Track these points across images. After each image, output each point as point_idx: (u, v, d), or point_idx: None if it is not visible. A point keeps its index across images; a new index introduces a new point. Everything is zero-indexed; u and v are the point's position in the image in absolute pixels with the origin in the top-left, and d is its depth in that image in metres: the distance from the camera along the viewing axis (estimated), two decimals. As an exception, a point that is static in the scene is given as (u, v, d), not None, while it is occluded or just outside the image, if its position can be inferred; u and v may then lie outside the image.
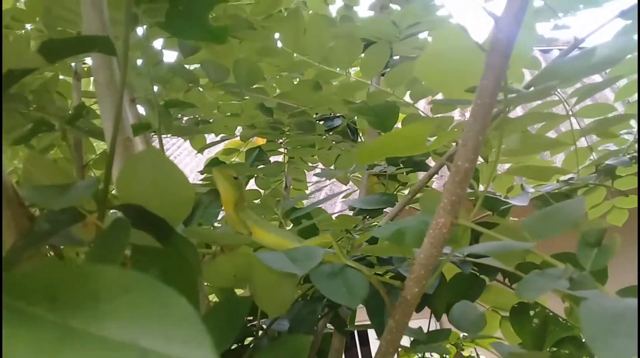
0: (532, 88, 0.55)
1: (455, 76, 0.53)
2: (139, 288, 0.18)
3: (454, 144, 0.90)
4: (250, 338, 0.71)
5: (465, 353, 1.05)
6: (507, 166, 1.15)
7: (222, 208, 0.60)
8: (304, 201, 1.20)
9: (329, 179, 1.29)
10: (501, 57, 0.42)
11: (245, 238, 0.55)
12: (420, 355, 0.92)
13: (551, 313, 0.86)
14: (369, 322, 0.69)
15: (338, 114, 1.29)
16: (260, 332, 0.69)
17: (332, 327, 0.88)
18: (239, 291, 0.74)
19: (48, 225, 0.38)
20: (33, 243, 0.39)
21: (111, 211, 0.43)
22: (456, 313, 0.67)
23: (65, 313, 0.18)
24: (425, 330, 0.77)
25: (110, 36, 0.59)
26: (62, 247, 0.54)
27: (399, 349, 0.84)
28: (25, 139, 0.68)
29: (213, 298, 0.85)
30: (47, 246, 0.51)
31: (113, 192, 0.52)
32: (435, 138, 0.60)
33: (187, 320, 0.17)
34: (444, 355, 0.92)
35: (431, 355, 0.92)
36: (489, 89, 0.43)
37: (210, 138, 1.31)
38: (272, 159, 1.28)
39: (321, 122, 1.29)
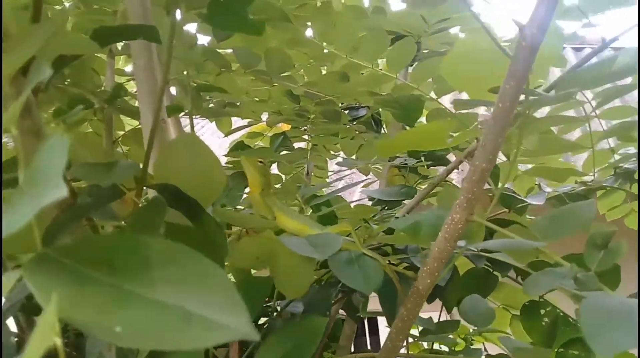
0: (553, 91, 0.56)
1: (479, 77, 0.55)
2: (185, 259, 0.21)
3: (475, 140, 0.92)
4: (264, 319, 0.74)
5: (474, 347, 1.07)
6: (530, 166, 1.15)
7: (248, 191, 0.63)
8: (324, 190, 1.23)
9: (350, 169, 1.31)
10: (524, 65, 0.44)
11: (271, 222, 0.58)
12: (429, 347, 0.94)
13: (562, 313, 0.88)
14: (379, 310, 0.71)
15: (363, 105, 1.30)
16: (275, 313, 0.72)
17: (344, 313, 0.90)
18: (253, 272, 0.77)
19: (90, 199, 0.42)
20: (76, 216, 0.43)
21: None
22: (466, 306, 0.69)
23: (121, 277, 0.20)
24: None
25: (150, 16, 0.62)
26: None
27: (410, 339, 0.87)
28: (62, 113, 0.72)
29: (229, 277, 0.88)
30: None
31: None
32: (457, 134, 0.62)
33: (225, 289, 0.20)
34: (452, 347, 0.95)
35: (440, 347, 0.94)
36: (511, 94, 0.45)
37: (236, 120, 1.34)
38: (296, 145, 1.30)
39: (346, 112, 1.31)
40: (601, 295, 0.37)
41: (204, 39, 0.98)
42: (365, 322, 3.62)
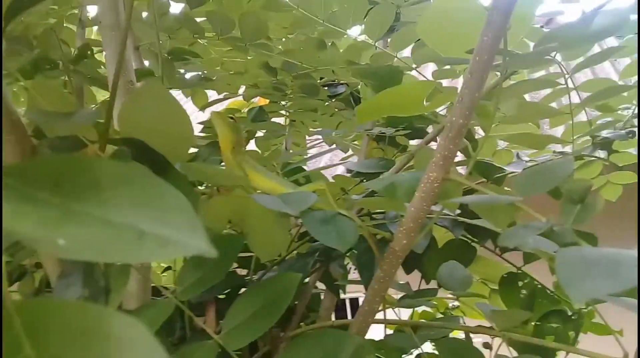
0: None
1: (457, 36, 0.54)
2: (138, 180, 0.19)
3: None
4: (244, 289, 0.72)
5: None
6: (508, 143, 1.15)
7: (221, 153, 0.61)
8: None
9: (330, 145, 1.29)
10: (502, 15, 0.43)
11: (242, 178, 0.55)
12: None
13: (539, 286, 0.88)
14: (359, 289, 0.70)
15: (342, 82, 1.29)
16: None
17: (324, 286, 0.89)
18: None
19: (50, 150, 0.40)
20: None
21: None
22: (444, 273, 0.69)
23: (68, 197, 0.19)
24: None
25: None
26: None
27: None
28: (28, 74, 0.69)
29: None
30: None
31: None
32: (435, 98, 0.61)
33: (182, 210, 0.19)
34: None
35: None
36: (488, 47, 0.44)
37: (212, 97, 1.31)
38: (274, 120, 1.28)
39: (325, 88, 1.29)
40: (577, 247, 0.37)
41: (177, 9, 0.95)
42: (347, 301, 3.63)
